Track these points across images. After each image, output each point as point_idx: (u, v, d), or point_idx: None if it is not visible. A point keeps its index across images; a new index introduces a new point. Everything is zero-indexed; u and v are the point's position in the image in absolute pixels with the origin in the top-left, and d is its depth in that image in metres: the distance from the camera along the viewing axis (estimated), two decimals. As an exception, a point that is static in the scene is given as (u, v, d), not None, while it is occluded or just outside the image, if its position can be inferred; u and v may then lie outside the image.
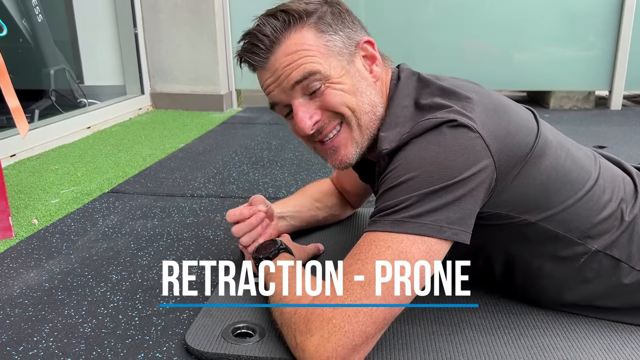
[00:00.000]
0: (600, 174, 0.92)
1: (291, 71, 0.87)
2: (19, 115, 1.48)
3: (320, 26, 0.88)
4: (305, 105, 0.90)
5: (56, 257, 1.30)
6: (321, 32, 0.88)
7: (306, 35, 0.87)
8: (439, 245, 0.77)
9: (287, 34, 0.87)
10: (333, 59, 0.88)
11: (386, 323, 0.77)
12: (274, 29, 0.87)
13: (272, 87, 0.91)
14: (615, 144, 2.27)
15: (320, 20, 0.88)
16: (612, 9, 2.96)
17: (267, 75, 0.91)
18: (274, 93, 0.91)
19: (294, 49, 0.87)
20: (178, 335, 0.97)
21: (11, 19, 2.66)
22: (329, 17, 0.89)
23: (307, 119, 0.89)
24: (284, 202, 1.28)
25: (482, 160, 0.79)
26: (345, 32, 0.91)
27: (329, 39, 0.88)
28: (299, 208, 1.27)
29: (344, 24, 0.91)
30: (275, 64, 0.88)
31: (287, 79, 0.88)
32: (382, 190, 0.82)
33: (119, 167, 2.06)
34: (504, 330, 0.94)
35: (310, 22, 0.88)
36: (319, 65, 0.87)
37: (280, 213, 1.22)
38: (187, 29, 3.13)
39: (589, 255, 0.90)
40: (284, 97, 0.91)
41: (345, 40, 0.90)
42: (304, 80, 0.87)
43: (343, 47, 0.90)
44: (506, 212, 0.86)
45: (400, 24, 3.13)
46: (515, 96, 3.54)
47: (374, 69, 0.93)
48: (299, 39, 0.87)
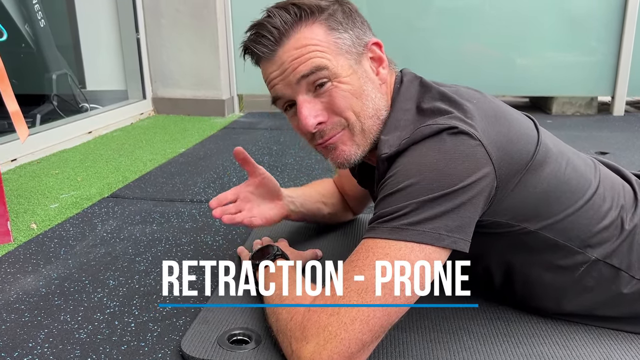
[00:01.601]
0: (600, 182, 0.92)
1: (298, 64, 0.86)
2: (19, 120, 1.48)
3: (331, 23, 0.88)
4: (311, 102, 0.88)
5: (54, 262, 1.30)
6: (332, 30, 0.87)
7: (317, 30, 0.87)
8: (437, 253, 0.76)
9: (298, 28, 0.86)
10: (342, 57, 0.87)
11: (383, 331, 0.76)
12: (284, 21, 0.86)
13: (277, 80, 0.89)
14: (617, 150, 2.26)
15: (331, 18, 0.88)
16: (615, 14, 2.95)
17: (272, 68, 0.89)
18: (278, 87, 0.89)
19: (304, 43, 0.86)
20: (174, 341, 0.96)
21: (14, 24, 2.67)
22: (340, 15, 0.89)
23: (312, 117, 0.88)
24: (293, 189, 1.28)
25: (483, 168, 0.78)
26: (355, 32, 0.90)
27: (339, 37, 0.88)
28: (307, 197, 1.27)
29: (354, 23, 0.90)
30: (282, 56, 0.87)
31: (294, 73, 0.86)
32: (381, 196, 0.81)
33: (119, 172, 2.06)
34: (502, 337, 0.93)
35: (321, 18, 0.87)
36: (328, 61, 0.86)
37: (290, 197, 1.22)
38: (189, 34, 3.14)
39: (588, 264, 0.89)
40: (289, 91, 0.89)
41: (355, 39, 0.89)
42: (311, 75, 0.86)
43: (352, 46, 0.89)
44: (506, 220, 0.86)
45: (401, 28, 3.13)
46: (517, 102, 3.53)
47: (380, 71, 0.93)
48: (309, 34, 0.86)
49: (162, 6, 3.11)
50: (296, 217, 1.25)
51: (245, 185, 1.17)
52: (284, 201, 1.20)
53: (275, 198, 1.19)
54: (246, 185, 1.17)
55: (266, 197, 1.18)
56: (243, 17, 3.18)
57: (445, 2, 3.12)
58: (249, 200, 1.17)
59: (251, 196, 1.17)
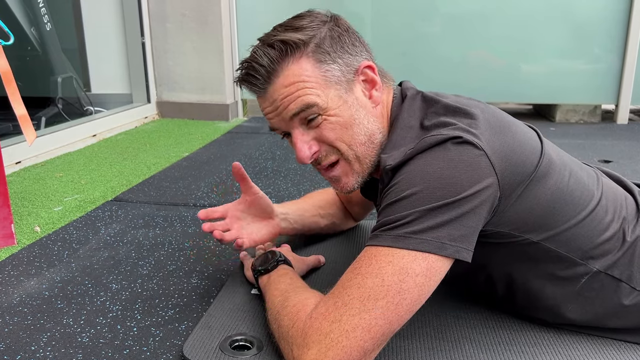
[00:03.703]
0: (602, 194, 0.91)
1: (289, 103, 0.87)
2: (26, 123, 1.48)
3: (318, 55, 0.87)
4: (304, 135, 0.90)
5: (57, 265, 1.30)
6: (319, 62, 0.87)
7: (304, 65, 0.86)
8: (440, 262, 0.76)
9: (285, 65, 0.86)
10: (331, 89, 0.87)
11: (385, 339, 0.76)
12: (270, 59, 0.86)
13: (272, 115, 0.91)
14: (621, 159, 2.26)
15: (318, 49, 0.87)
16: (619, 23, 2.96)
17: (265, 104, 0.91)
18: (274, 121, 0.92)
19: (292, 81, 0.86)
20: (176, 346, 0.97)
21: (20, 27, 2.69)
22: (327, 43, 0.88)
23: (306, 150, 0.90)
24: (288, 205, 1.28)
25: (486, 178, 0.78)
26: (344, 59, 0.89)
27: (327, 69, 0.87)
28: (302, 212, 1.27)
29: (343, 48, 0.89)
30: (273, 94, 0.88)
31: (286, 111, 0.88)
32: (385, 204, 0.81)
33: (123, 176, 2.07)
34: (504, 346, 0.93)
35: (308, 51, 0.86)
36: (317, 97, 0.86)
37: (284, 214, 1.22)
38: (194, 39, 3.15)
39: (590, 276, 0.89)
40: (283, 125, 0.91)
41: (344, 68, 0.89)
42: (301, 112, 0.87)
43: (341, 75, 0.88)
44: (508, 230, 0.85)
45: (406, 36, 3.14)
46: (521, 109, 3.53)
47: (373, 94, 0.92)
48: (297, 70, 0.86)
49: (168, 11, 3.12)
50: (290, 233, 1.26)
51: (236, 204, 1.18)
52: (277, 219, 1.20)
53: (267, 217, 1.19)
54: (237, 204, 1.18)
55: (257, 216, 1.19)
56: (248, 23, 3.19)
57: (450, 9, 3.13)
58: (239, 219, 1.17)
59: (241, 215, 1.18)
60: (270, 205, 1.19)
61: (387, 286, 0.75)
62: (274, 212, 1.20)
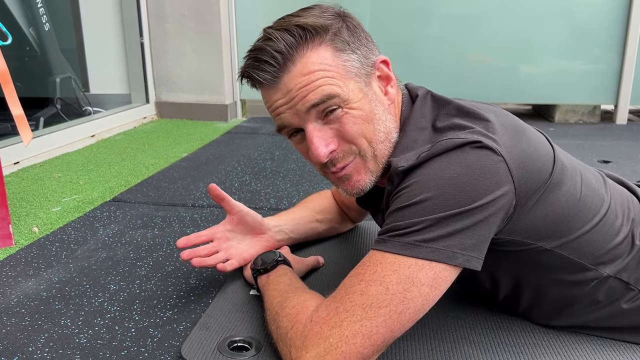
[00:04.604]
0: (611, 197, 0.89)
1: (307, 93, 0.80)
2: (23, 123, 1.48)
3: (337, 44, 0.82)
4: (321, 131, 0.83)
5: (55, 266, 1.30)
6: (339, 51, 0.81)
7: (324, 53, 0.80)
8: (447, 271, 0.74)
9: (304, 52, 0.80)
10: (351, 80, 0.82)
11: (385, 345, 0.76)
12: (288, 45, 0.79)
13: (283, 108, 0.83)
14: (620, 159, 2.26)
15: (336, 37, 0.82)
16: (619, 23, 2.96)
17: (277, 96, 0.83)
18: (285, 115, 0.83)
19: (311, 69, 0.80)
20: (174, 347, 0.96)
21: (19, 27, 2.69)
22: (345, 34, 0.83)
23: (323, 147, 0.82)
24: (284, 215, 1.26)
25: (503, 186, 0.75)
26: (362, 51, 0.84)
27: (347, 59, 0.82)
28: (298, 220, 1.25)
29: (360, 41, 0.85)
30: (289, 84, 0.81)
31: (303, 101, 0.81)
32: (394, 207, 0.78)
33: (121, 176, 2.06)
34: (504, 347, 0.92)
35: (327, 39, 0.81)
36: (338, 87, 0.80)
37: (277, 226, 1.19)
38: (193, 39, 3.15)
39: (599, 280, 0.87)
40: (296, 120, 0.83)
41: (363, 60, 0.84)
42: (321, 104, 0.80)
43: (360, 67, 0.83)
44: (522, 239, 0.83)
45: (405, 38, 3.14)
46: (520, 109, 3.53)
47: (389, 90, 0.88)
48: (317, 58, 0.80)
49: (167, 11, 3.12)
50: (289, 244, 1.22)
51: (223, 224, 1.14)
52: (270, 233, 1.17)
53: (258, 232, 1.16)
54: (224, 224, 1.14)
55: (248, 233, 1.15)
56: (247, 23, 3.19)
57: (449, 10, 3.13)
58: (228, 239, 1.14)
59: (230, 234, 1.14)
60: (259, 220, 1.15)
61: (391, 295, 0.73)
62: (265, 226, 1.16)
